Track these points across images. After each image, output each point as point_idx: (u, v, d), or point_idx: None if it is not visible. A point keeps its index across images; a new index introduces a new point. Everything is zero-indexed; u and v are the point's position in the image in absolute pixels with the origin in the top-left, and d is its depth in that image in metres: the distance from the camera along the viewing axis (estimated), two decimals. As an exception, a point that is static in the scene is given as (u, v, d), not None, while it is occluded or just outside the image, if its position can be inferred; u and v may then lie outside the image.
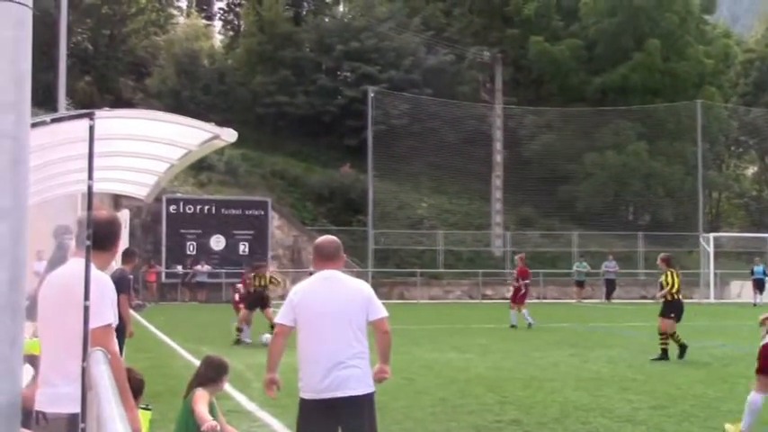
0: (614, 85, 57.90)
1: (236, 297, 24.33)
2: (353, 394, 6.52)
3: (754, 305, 40.32)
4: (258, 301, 22.31)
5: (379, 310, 6.71)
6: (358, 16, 62.35)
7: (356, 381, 6.54)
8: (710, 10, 66.61)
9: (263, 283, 22.63)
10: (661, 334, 18.32)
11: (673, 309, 18.44)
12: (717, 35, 66.49)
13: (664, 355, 17.91)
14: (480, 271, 48.45)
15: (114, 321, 5.48)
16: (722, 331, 24.67)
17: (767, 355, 9.99)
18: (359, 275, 41.30)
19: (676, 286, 18.50)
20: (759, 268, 44.41)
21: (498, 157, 53.59)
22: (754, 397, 10.04)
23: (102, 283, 5.45)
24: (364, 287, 6.86)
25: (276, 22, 59.95)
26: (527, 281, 27.80)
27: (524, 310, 26.59)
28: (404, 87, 55.66)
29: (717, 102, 59.76)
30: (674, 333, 18.29)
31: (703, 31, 63.46)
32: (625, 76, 57.60)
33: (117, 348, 5.56)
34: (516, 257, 29.60)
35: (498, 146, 53.88)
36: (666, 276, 18.56)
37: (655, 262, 20.75)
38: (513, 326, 26.23)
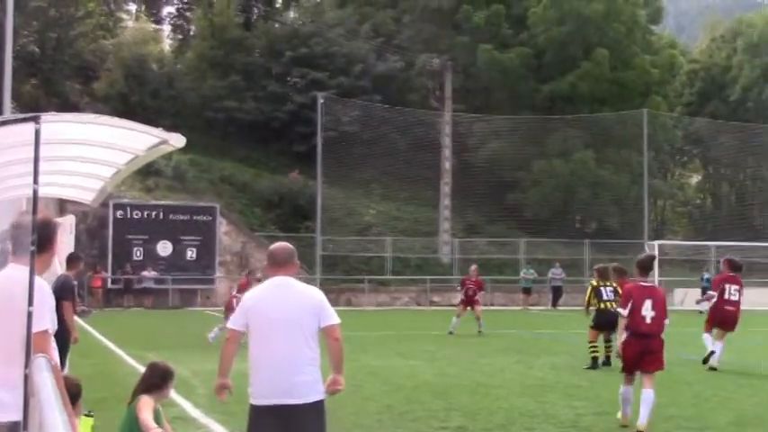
0: (562, 94, 58.40)
1: (235, 303, 24.30)
2: (304, 401, 6.53)
3: (700, 313, 41.12)
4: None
5: (331, 317, 6.73)
6: (308, 22, 62.31)
7: (307, 388, 6.55)
8: (657, 21, 67.53)
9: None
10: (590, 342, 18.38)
11: (600, 318, 18.39)
12: (663, 45, 67.35)
13: (594, 364, 17.92)
14: (428, 278, 48.60)
15: (52, 327, 5.43)
16: (666, 338, 24.91)
17: None
18: (307, 282, 41.23)
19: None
20: (706, 275, 45.04)
21: (447, 164, 53.83)
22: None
23: (40, 288, 5.40)
24: (316, 294, 6.87)
25: (227, 27, 59.72)
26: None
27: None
28: (353, 94, 55.70)
29: (662, 111, 60.52)
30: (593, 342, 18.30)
31: (650, 42, 64.25)
32: (573, 84, 58.13)
33: (54, 354, 5.51)
34: (473, 268, 29.74)
35: (447, 153, 54.13)
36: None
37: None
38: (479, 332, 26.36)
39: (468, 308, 27.28)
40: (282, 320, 6.60)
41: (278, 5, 68.70)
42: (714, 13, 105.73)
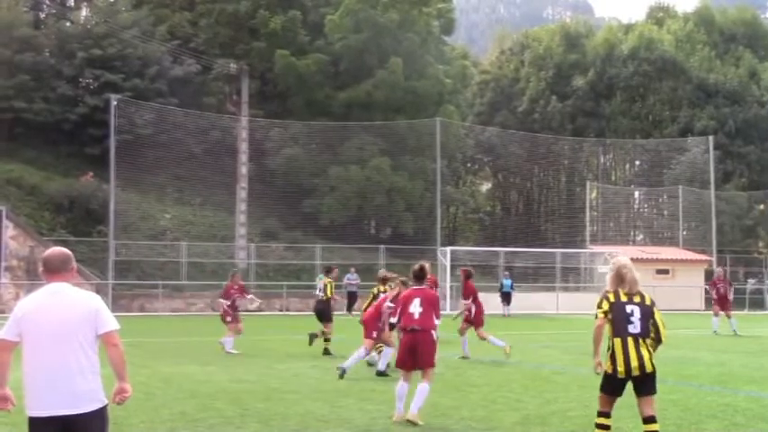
0: (358, 101, 59.16)
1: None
2: (84, 411, 6.40)
3: (506, 316, 43.15)
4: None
5: (108, 323, 6.57)
6: (101, 22, 60.66)
7: (86, 396, 6.42)
8: (449, 32, 69.40)
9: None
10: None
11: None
12: (455, 56, 69.30)
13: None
14: (224, 283, 48.01)
15: None
16: (457, 342, 25.63)
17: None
18: (99, 287, 40.22)
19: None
20: (507, 281, 46.68)
21: (243, 169, 53.60)
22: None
23: None
24: (93, 300, 6.68)
25: (14, 24, 57.42)
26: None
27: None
28: (149, 97, 54.68)
29: (455, 120, 62.18)
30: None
31: (443, 52, 65.95)
32: (369, 92, 58.97)
33: None
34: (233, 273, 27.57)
35: (244, 158, 53.90)
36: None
37: (396, 274, 21.29)
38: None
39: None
40: (57, 329, 6.42)
41: (69, 4, 66.62)
42: (503, 27, 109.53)
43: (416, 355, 12.14)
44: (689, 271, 56.34)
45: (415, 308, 12.32)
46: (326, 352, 21.28)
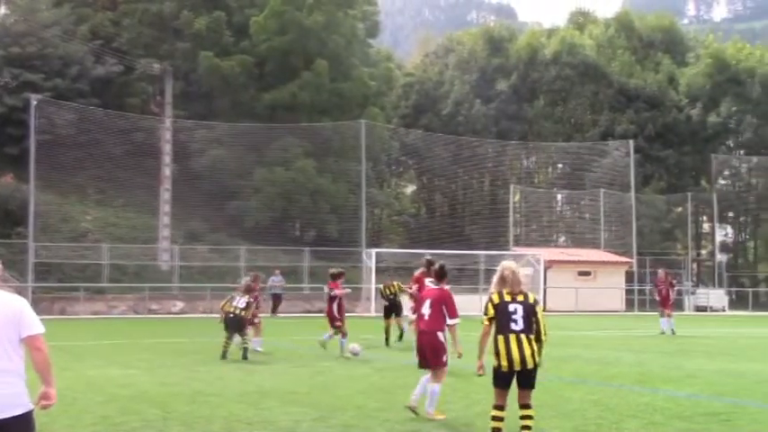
0: (284, 103, 59.00)
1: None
2: (6, 416, 6.29)
3: None
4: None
5: (32, 326, 6.46)
6: (20, 20, 59.60)
7: (10, 401, 6.31)
8: (374, 34, 69.59)
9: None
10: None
11: None
12: (380, 58, 69.50)
13: None
14: (146, 285, 47.76)
15: None
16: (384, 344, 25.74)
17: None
18: (18, 290, 39.45)
19: None
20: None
21: (167, 171, 53.09)
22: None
23: None
24: (16, 302, 6.56)
25: (-72, 20, 56.23)
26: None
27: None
28: (70, 97, 53.88)
29: (380, 122, 62.34)
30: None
31: (368, 54, 66.12)
32: (294, 94, 58.85)
33: None
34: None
35: (167, 159, 53.39)
36: None
37: (320, 277, 21.42)
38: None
39: None
40: (-22, 332, 6.31)
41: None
42: (428, 30, 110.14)
43: (426, 356, 12.61)
44: (610, 273, 57.21)
45: (426, 309, 12.64)
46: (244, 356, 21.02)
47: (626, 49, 78.95)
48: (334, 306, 22.22)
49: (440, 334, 12.46)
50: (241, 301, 21.42)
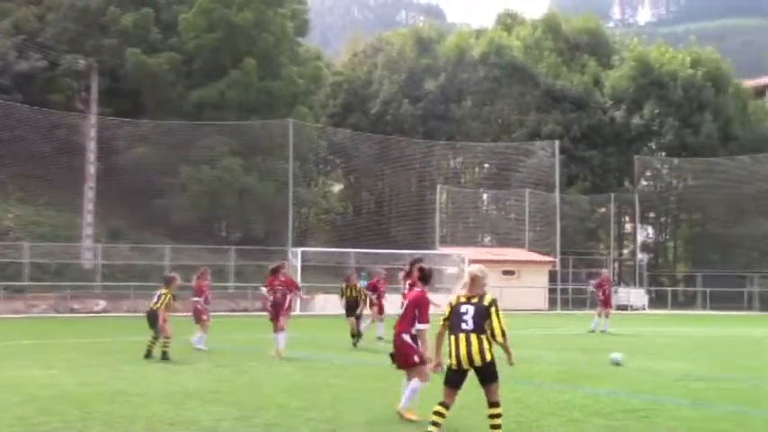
0: (211, 101, 58.57)
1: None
2: None
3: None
4: (355, 306, 26.08)
5: None
6: (-60, 14, 58.44)
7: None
8: (303, 33, 69.42)
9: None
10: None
11: None
12: (309, 57, 69.31)
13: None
14: (68, 284, 47.12)
15: None
16: (311, 342, 25.79)
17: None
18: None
19: None
20: (363, 282, 46.78)
21: (91, 169, 52.39)
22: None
23: None
24: None
25: None
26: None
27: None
28: (-9, 93, 52.97)
29: (308, 121, 62.26)
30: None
31: (297, 53, 65.91)
32: (222, 92, 58.49)
33: None
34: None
35: (92, 157, 52.68)
36: None
37: (246, 276, 21.41)
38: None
39: None
40: None
41: None
42: (357, 29, 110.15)
43: (397, 358, 12.72)
44: (534, 272, 57.89)
45: (401, 310, 12.82)
46: (164, 356, 20.81)
47: (553, 51, 79.86)
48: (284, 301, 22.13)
49: (406, 336, 12.49)
50: (156, 296, 21.35)
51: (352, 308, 26.16)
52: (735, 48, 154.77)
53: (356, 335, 25.43)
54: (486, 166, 77.43)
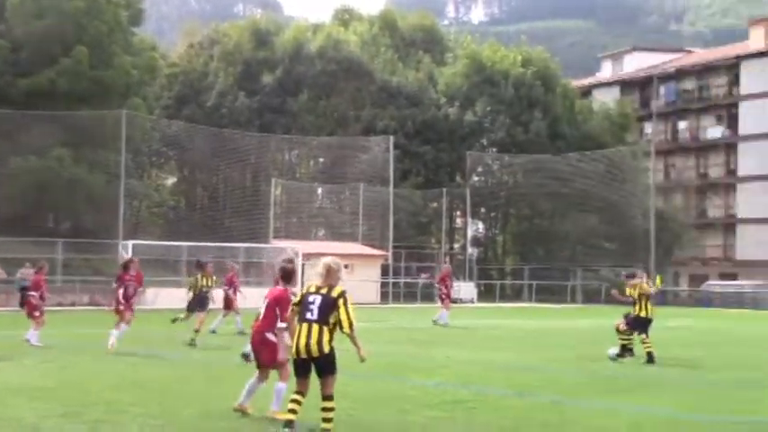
0: (40, 90, 56.76)
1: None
2: None
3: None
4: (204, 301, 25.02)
5: None
6: None
7: None
8: (138, 23, 68.10)
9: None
10: None
11: None
12: (144, 47, 68.04)
13: None
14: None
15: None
16: (141, 338, 25.44)
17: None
18: None
19: None
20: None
21: None
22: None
23: None
24: None
25: None
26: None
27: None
28: None
29: (141, 113, 61.18)
30: None
31: (130, 43, 64.61)
32: (52, 80, 56.83)
33: None
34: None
35: None
36: None
37: (74, 269, 21.07)
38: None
39: None
40: None
41: None
42: (193, 20, 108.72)
43: (257, 356, 12.70)
44: (367, 266, 58.46)
45: (262, 309, 12.62)
46: None
47: (389, 47, 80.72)
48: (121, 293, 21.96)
49: (269, 335, 12.39)
50: None
51: (203, 302, 25.01)
52: (562, 48, 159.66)
53: (198, 330, 24.25)
54: (322, 160, 77.67)
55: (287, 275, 12.81)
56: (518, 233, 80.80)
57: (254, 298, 49.70)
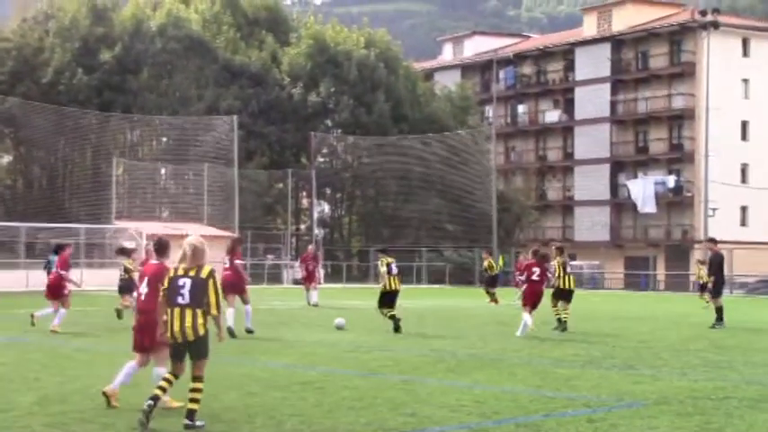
0: None
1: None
2: None
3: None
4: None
5: None
6: None
7: None
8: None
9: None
10: None
11: None
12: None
13: None
14: None
15: None
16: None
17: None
18: None
19: None
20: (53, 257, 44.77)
21: None
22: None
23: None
24: None
25: None
26: None
27: None
28: None
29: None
30: None
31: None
32: None
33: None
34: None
35: None
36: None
37: None
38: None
39: None
40: None
41: None
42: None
43: (142, 339, 11.62)
44: (212, 246, 57.62)
45: (144, 288, 11.68)
46: None
47: (231, 26, 79.87)
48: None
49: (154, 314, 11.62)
50: None
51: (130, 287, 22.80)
52: (405, 30, 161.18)
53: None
54: (165, 139, 76.31)
55: (162, 248, 12.19)
56: (364, 214, 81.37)
57: (97, 280, 48.92)
